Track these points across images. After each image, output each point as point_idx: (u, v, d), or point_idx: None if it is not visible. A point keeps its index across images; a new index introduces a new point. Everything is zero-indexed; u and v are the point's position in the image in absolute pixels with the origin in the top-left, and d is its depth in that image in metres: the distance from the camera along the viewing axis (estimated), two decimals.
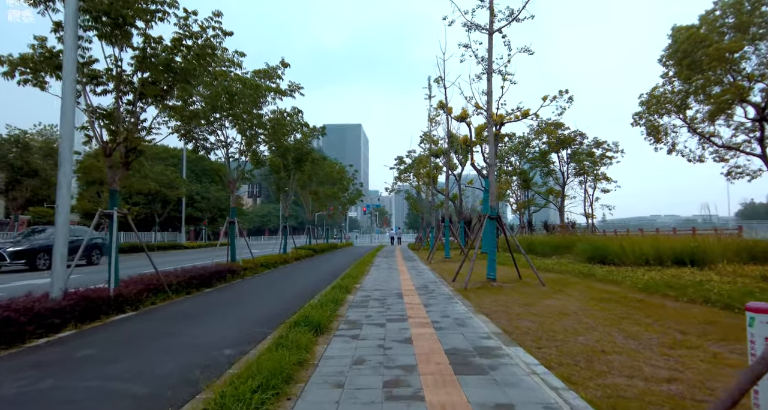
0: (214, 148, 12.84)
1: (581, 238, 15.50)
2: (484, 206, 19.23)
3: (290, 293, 8.95)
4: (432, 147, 27.01)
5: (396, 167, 34.72)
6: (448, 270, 13.19)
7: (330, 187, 28.85)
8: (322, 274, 12.93)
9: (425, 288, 9.04)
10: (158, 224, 30.41)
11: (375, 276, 11.48)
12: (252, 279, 11.34)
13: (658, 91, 18.69)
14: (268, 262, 14.51)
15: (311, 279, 11.79)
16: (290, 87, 13.19)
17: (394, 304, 7.05)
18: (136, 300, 6.85)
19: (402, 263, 16.48)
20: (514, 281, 9.97)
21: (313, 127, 19.01)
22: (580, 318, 5.79)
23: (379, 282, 10.14)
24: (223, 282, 10.29)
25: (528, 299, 7.37)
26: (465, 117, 19.89)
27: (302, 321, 5.13)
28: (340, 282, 9.47)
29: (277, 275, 12.65)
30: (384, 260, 18.34)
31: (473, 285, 9.16)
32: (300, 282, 10.91)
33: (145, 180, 26.03)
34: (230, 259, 12.82)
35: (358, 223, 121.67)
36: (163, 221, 33.92)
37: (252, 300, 8.11)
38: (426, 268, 14.07)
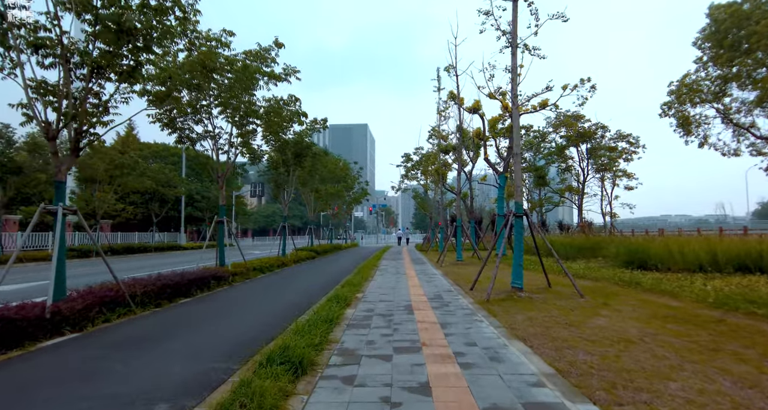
0: (201, 138, 11.52)
1: (611, 239, 13.99)
2: (498, 204, 17.76)
3: (278, 306, 7.57)
4: (441, 142, 25.57)
5: (403, 164, 33.35)
6: (463, 275, 11.75)
7: (334, 185, 27.52)
8: (321, 280, 11.56)
9: (439, 300, 7.62)
10: (156, 224, 29.31)
11: (380, 283, 10.08)
12: (240, 287, 9.99)
13: (689, 79, 17.06)
14: (262, 266, 13.17)
15: (307, 286, 10.42)
16: (285, 71, 11.83)
17: (403, 323, 5.64)
18: (81, 318, 5.51)
19: (410, 266, 15.06)
20: (542, 290, 8.51)
21: (314, 119, 17.66)
22: (652, 347, 4.34)
23: (384, 291, 8.73)
24: (204, 291, 8.95)
25: (570, 316, 5.92)
26: (477, 108, 18.42)
27: (278, 355, 3.74)
28: (340, 291, 8.08)
29: (270, 281, 11.29)
30: (390, 263, 16.93)
31: (496, 296, 7.73)
32: (293, 291, 9.54)
33: (141, 178, 24.88)
34: (218, 263, 11.50)
35: (365, 223, 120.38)
36: (161, 221, 32.83)
37: (229, 315, 6.74)
38: (437, 273, 12.64)
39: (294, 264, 16.70)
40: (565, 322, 5.55)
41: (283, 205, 17.69)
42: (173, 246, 30.44)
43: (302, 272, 14.02)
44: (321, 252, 22.55)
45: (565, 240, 15.92)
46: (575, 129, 22.16)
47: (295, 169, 17.93)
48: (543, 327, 5.33)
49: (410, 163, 33.11)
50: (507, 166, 17.45)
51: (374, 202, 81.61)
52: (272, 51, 11.40)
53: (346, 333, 5.11)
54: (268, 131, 16.59)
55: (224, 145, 11.70)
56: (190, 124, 11.38)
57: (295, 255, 17.83)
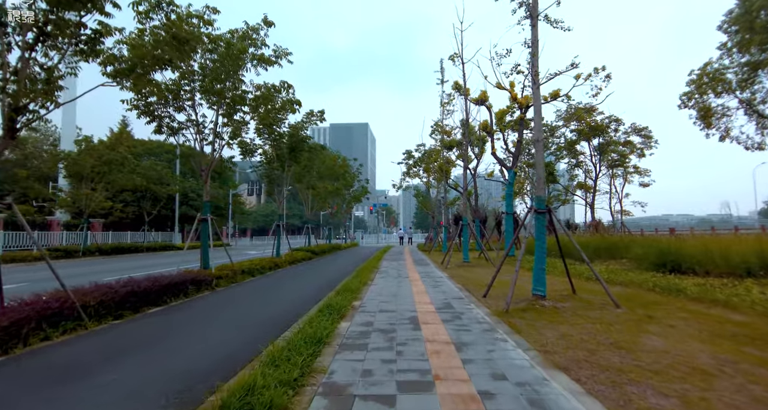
0: (183, 128, 10.43)
1: (632, 239, 12.90)
2: (507, 202, 16.66)
3: (258, 318, 6.48)
4: (444, 138, 24.47)
5: (404, 161, 32.25)
6: (472, 279, 10.65)
7: (332, 182, 26.44)
8: (315, 285, 10.47)
9: (449, 310, 6.52)
10: (148, 223, 28.24)
11: (380, 288, 8.99)
12: (222, 293, 8.90)
13: (710, 68, 15.93)
14: (253, 268, 12.09)
15: (298, 292, 9.33)
16: (276, 52, 10.73)
17: (409, 342, 4.56)
18: (9, 336, 4.43)
19: (413, 268, 13.97)
20: (567, 297, 7.41)
21: (310, 110, 16.59)
22: (743, 384, 3.25)
23: (385, 298, 7.64)
24: (180, 298, 7.86)
25: (612, 333, 4.83)
26: (484, 99, 17.32)
27: (237, 401, 2.67)
28: (333, 299, 6.99)
29: (258, 286, 10.20)
30: (392, 264, 15.84)
31: (516, 305, 6.64)
32: (281, 299, 8.44)
33: (131, 175, 23.81)
34: (202, 266, 10.42)
35: (365, 223, 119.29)
36: (155, 220, 31.76)
37: (196, 332, 5.66)
38: (443, 276, 11.54)
39: (288, 265, 15.62)
40: (609, 343, 4.46)
41: (277, 202, 16.60)
42: (166, 246, 29.37)
43: (296, 275, 12.94)
44: (318, 253, 21.47)
45: (579, 240, 14.82)
46: (587, 122, 21.01)
47: (291, 164, 16.86)
48: (585, 349, 4.24)
49: (412, 160, 32.03)
50: (516, 160, 16.34)
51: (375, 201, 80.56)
52: (261, 30, 10.31)
53: (336, 358, 4.02)
54: (262, 124, 15.58)
55: (209, 135, 10.60)
56: (170, 111, 10.29)
57: (290, 256, 16.75)
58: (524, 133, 17.02)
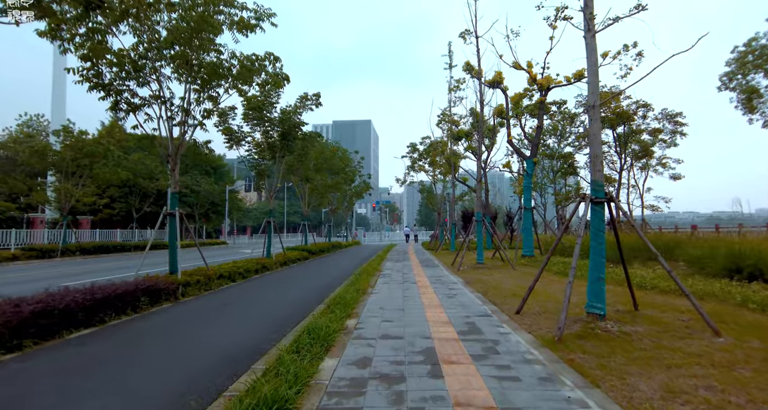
0: (145, 104, 8.68)
1: (679, 238, 11.11)
2: (525, 196, 14.86)
3: (202, 357, 4.74)
4: (452, 128, 22.67)
5: (408, 155, 30.50)
6: (493, 285, 8.87)
7: (331, 176, 24.68)
8: (302, 294, 8.74)
9: (477, 335, 4.76)
10: (137, 220, 26.62)
11: (383, 299, 7.25)
12: (181, 308, 7.17)
13: (757, 43, 14.02)
14: (234, 271, 10.37)
15: (278, 305, 7.58)
16: (257, 14, 8.93)
17: (428, 408, 2.80)
18: None
19: (420, 271, 12.21)
20: (630, 315, 5.63)
21: (304, 93, 14.82)
22: None
23: (389, 315, 5.89)
24: (128, 313, 6.15)
25: (751, 390, 3.05)
26: (499, 82, 15.49)
27: None
28: (319, 319, 5.25)
29: (231, 297, 8.46)
30: (396, 266, 14.09)
31: (571, 329, 4.86)
32: (250, 317, 6.68)
33: (115, 169, 22.15)
34: (170, 270, 8.71)
35: (368, 220, 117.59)
36: (143, 217, 30.13)
37: (114, 376, 3.94)
38: (457, 281, 9.77)
39: (280, 267, 13.90)
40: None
41: (268, 197, 14.88)
42: (157, 245, 27.73)
43: (283, 280, 11.21)
44: (316, 253, 19.74)
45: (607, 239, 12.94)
46: (613, 108, 19.08)
47: (283, 154, 15.11)
48: None
49: (416, 153, 30.27)
50: (536, 149, 14.51)
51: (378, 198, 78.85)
52: None
53: None
54: (249, 107, 13.86)
55: (177, 113, 8.85)
56: (131, 85, 8.55)
57: (282, 257, 15.04)
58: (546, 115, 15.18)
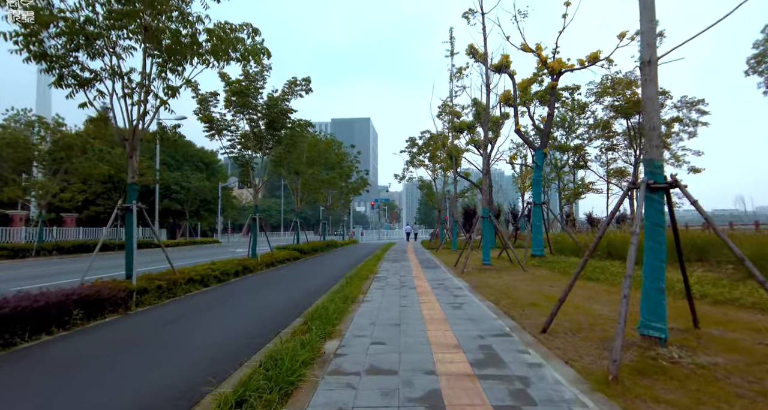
0: (96, 79, 7.37)
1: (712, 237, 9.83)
2: (534, 190, 13.61)
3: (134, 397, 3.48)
4: (454, 120, 21.37)
5: (407, 150, 29.20)
6: (506, 292, 7.59)
7: (326, 171, 23.39)
8: (280, 302, 7.47)
9: (498, 371, 3.48)
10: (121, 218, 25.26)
11: (375, 310, 5.98)
12: (127, 321, 5.90)
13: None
14: (208, 275, 9.11)
15: (243, 320, 6.29)
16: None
17: None
18: None
19: (420, 274, 10.96)
20: (691, 334, 4.37)
21: (293, 78, 13.52)
22: None
23: (380, 336, 4.63)
24: (53, 332, 4.88)
25: None
26: (506, 65, 14.18)
27: None
28: (285, 345, 3.97)
29: (195, 306, 7.19)
30: (393, 267, 12.84)
31: (623, 357, 3.58)
32: (204, 338, 5.41)
33: (95, 163, 20.81)
34: (126, 274, 7.42)
35: (367, 218, 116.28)
36: None
37: None
38: (462, 286, 8.51)
39: (265, 269, 12.63)
40: None
41: (253, 192, 13.59)
42: (143, 244, 26.42)
43: (264, 284, 9.94)
44: (308, 252, 18.46)
45: (627, 237, 11.69)
46: (626, 96, 17.75)
47: (270, 144, 13.82)
48: None
49: (415, 147, 28.98)
50: (546, 139, 13.22)
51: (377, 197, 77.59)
52: None
53: None
54: (231, 92, 12.58)
55: (136, 90, 7.55)
56: (80, 56, 7.24)
57: (270, 257, 13.76)
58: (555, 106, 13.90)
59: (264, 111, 12.95)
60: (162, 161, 34.08)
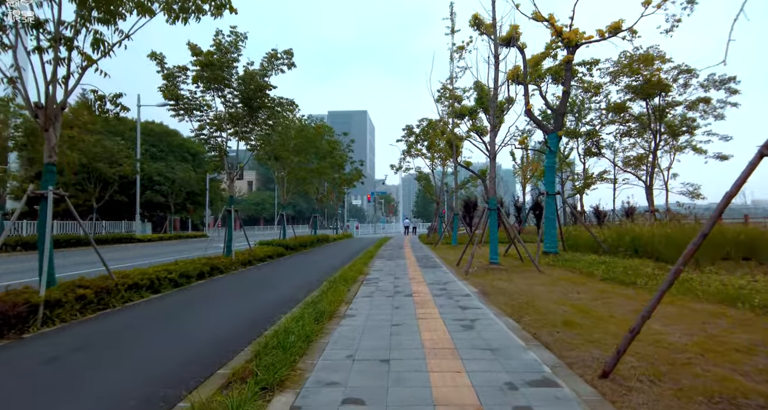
0: None
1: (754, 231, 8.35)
2: (546, 178, 12.05)
3: None
4: (455, 105, 19.72)
5: (404, 139, 27.56)
6: (528, 301, 6.01)
7: (318, 161, 21.72)
8: (236, 319, 5.90)
9: None
10: (98, 211, 23.59)
11: (356, 335, 4.42)
12: (10, 352, 4.30)
13: None
14: (161, 278, 7.51)
15: (177, 351, 4.71)
16: None
17: None
18: None
19: (418, 275, 9.40)
20: None
21: (272, 51, 11.83)
22: None
23: (358, 384, 3.04)
24: None
25: None
26: (516, 37, 12.53)
27: None
28: (215, 398, 2.37)
29: (118, 327, 5.58)
30: (387, 266, 11.30)
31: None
32: (106, 385, 3.82)
33: (61, 149, 19.01)
34: (40, 281, 5.78)
35: (363, 212, 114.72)
36: (106, 207, 27.06)
37: None
38: (470, 293, 6.95)
39: (240, 268, 11.05)
40: None
41: (227, 181, 11.95)
42: (123, 238, 24.78)
43: (229, 291, 8.36)
44: (295, 248, 16.88)
45: (662, 232, 10.13)
46: (645, 76, 16.06)
47: (248, 127, 12.17)
48: None
49: (413, 136, 27.35)
50: (562, 120, 11.62)
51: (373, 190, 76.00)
52: None
53: None
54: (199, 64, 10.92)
55: (51, 46, 5.86)
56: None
57: (248, 255, 12.18)
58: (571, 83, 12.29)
59: (238, 87, 11.28)
60: (145, 150, 32.34)
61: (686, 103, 17.50)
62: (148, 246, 23.89)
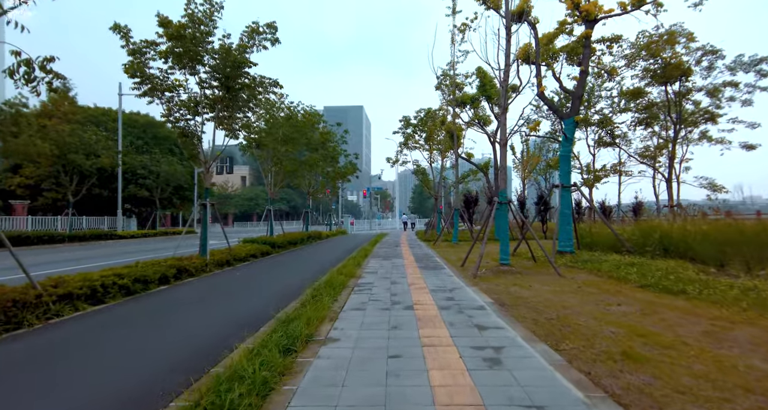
0: None
1: None
2: (562, 168, 10.79)
3: None
4: (455, 92, 18.38)
5: (401, 130, 26.22)
6: (560, 316, 4.72)
7: (310, 153, 20.34)
8: (195, 340, 4.59)
9: None
10: (73, 205, 22.08)
11: (339, 374, 3.12)
12: None
13: None
14: (108, 284, 6.17)
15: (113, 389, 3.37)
16: None
17: None
18: None
19: (419, 280, 8.12)
20: None
21: (253, 23, 10.44)
22: None
23: None
24: None
25: None
26: (527, 12, 11.19)
27: None
28: None
29: (18, 358, 4.27)
30: (383, 268, 10.02)
31: None
32: None
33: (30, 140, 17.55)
34: None
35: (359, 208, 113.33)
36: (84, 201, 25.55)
37: None
38: (485, 305, 5.68)
39: (215, 269, 9.72)
40: None
41: (204, 173, 10.59)
42: (103, 235, 23.34)
43: (191, 301, 7.04)
44: (283, 245, 15.56)
45: (690, 228, 8.91)
46: (665, 58, 14.73)
47: (227, 111, 10.79)
48: None
49: (410, 128, 26.01)
50: (578, 103, 10.33)
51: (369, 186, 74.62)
52: None
53: None
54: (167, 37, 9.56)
55: None
56: None
57: (228, 254, 10.85)
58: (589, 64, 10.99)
59: (214, 63, 9.89)
60: (130, 143, 30.78)
61: (709, 88, 16.17)
62: (130, 243, 22.47)
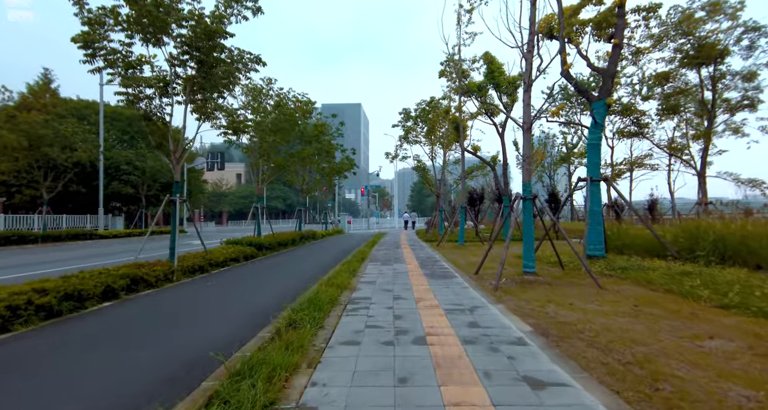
0: None
1: None
2: (589, 159, 9.31)
3: None
4: (461, 80, 16.85)
5: (401, 124, 24.69)
6: (635, 361, 3.14)
7: (303, 146, 18.79)
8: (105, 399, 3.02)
9: None
10: (48, 202, 20.52)
11: None
12: None
13: None
14: (15, 305, 4.64)
15: None
16: None
17: None
18: None
19: (428, 294, 6.62)
20: None
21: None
22: None
23: None
24: None
25: None
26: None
27: None
28: None
29: None
30: (382, 275, 8.51)
31: None
32: None
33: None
34: None
35: (357, 206, 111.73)
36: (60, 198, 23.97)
37: None
38: (523, 335, 4.18)
39: (183, 278, 8.19)
40: None
41: (172, 165, 9.02)
42: (82, 234, 21.75)
43: (137, 320, 5.54)
44: (271, 247, 14.03)
45: (755, 230, 7.44)
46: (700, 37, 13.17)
47: (204, 93, 9.25)
48: None
49: (410, 121, 24.48)
50: (611, 82, 8.82)
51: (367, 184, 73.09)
52: None
53: None
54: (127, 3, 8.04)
55: None
56: None
57: (203, 258, 9.33)
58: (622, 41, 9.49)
59: (185, 34, 8.34)
60: (114, 137, 29.18)
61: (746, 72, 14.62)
62: (112, 243, 20.92)
